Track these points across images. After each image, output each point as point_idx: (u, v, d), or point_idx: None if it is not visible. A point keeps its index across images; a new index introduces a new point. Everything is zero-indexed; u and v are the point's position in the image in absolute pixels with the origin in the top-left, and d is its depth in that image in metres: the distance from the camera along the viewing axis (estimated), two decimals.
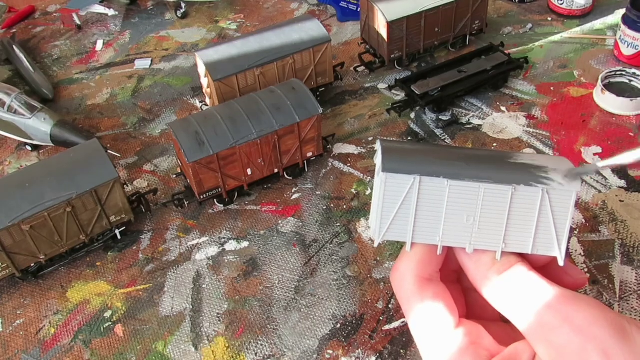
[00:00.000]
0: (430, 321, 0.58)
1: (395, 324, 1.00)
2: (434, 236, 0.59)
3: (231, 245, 1.16)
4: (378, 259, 1.10)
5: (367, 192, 1.23)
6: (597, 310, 0.49)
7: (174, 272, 1.12)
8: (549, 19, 1.72)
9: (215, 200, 1.23)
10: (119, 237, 1.18)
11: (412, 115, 1.42)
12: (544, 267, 0.65)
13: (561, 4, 1.69)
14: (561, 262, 0.59)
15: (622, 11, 1.51)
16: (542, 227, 0.60)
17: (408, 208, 0.58)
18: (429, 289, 0.58)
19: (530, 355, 0.52)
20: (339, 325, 1.00)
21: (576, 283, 0.63)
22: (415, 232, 0.59)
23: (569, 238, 0.62)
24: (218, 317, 1.03)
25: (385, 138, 0.62)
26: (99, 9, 1.90)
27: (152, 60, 1.69)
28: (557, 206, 0.60)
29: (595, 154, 1.27)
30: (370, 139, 1.36)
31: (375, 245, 0.58)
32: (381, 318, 1.00)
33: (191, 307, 1.06)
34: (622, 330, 0.47)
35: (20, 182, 1.07)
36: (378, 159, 0.62)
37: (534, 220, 0.60)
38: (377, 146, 0.63)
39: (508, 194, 0.59)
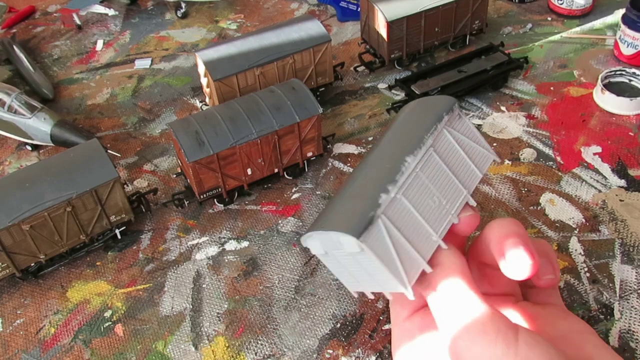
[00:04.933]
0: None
1: None
2: (430, 239, 0.58)
3: (231, 245, 1.16)
4: None
5: None
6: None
7: (174, 272, 1.12)
8: (549, 18, 1.72)
9: (215, 200, 1.23)
10: (119, 236, 1.18)
11: None
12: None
13: (561, 4, 1.69)
14: (497, 159, 0.64)
15: (622, 11, 1.51)
16: (468, 152, 0.65)
17: (400, 243, 0.56)
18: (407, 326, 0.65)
19: None
20: (339, 325, 1.00)
21: (546, 283, 0.64)
22: (421, 252, 0.58)
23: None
24: (218, 317, 1.03)
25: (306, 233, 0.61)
26: (99, 9, 1.90)
27: (152, 60, 1.69)
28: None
29: (595, 154, 1.27)
30: (370, 138, 1.36)
31: (412, 297, 0.57)
32: (381, 317, 1.00)
33: (191, 306, 1.06)
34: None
35: (20, 182, 1.07)
36: (324, 245, 0.59)
37: (461, 155, 0.63)
38: (311, 239, 0.60)
39: (434, 156, 0.61)
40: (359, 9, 1.70)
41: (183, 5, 1.85)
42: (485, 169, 0.64)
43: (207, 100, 1.44)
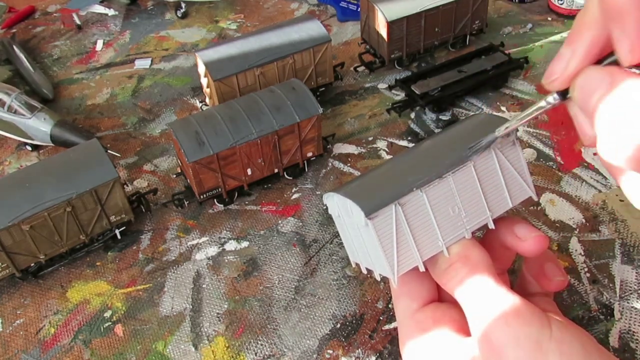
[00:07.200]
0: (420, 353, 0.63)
1: (395, 324, 0.99)
2: (436, 242, 0.61)
3: (231, 245, 1.16)
4: None
5: None
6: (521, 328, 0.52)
7: (174, 272, 1.12)
8: (549, 18, 1.72)
9: (215, 200, 1.23)
10: (119, 237, 1.18)
11: (412, 115, 1.42)
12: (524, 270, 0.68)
13: (561, 4, 1.69)
14: (534, 197, 0.67)
15: None
16: (507, 180, 0.65)
17: (403, 234, 0.60)
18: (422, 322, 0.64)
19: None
20: (339, 325, 1.00)
21: (556, 285, 0.66)
22: (420, 250, 0.61)
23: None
24: (218, 317, 1.03)
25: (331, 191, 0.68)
26: (99, 9, 1.90)
27: (152, 60, 1.69)
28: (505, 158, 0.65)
29: (595, 154, 1.27)
30: (370, 138, 1.36)
31: (396, 285, 0.61)
32: (381, 318, 1.00)
33: (191, 307, 1.06)
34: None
35: (20, 182, 1.07)
36: (340, 208, 0.64)
37: (499, 180, 0.64)
38: (331, 199, 0.66)
39: (471, 169, 0.62)
40: (359, 9, 1.70)
41: (183, 5, 1.85)
42: (517, 201, 0.66)
43: (207, 100, 1.44)
